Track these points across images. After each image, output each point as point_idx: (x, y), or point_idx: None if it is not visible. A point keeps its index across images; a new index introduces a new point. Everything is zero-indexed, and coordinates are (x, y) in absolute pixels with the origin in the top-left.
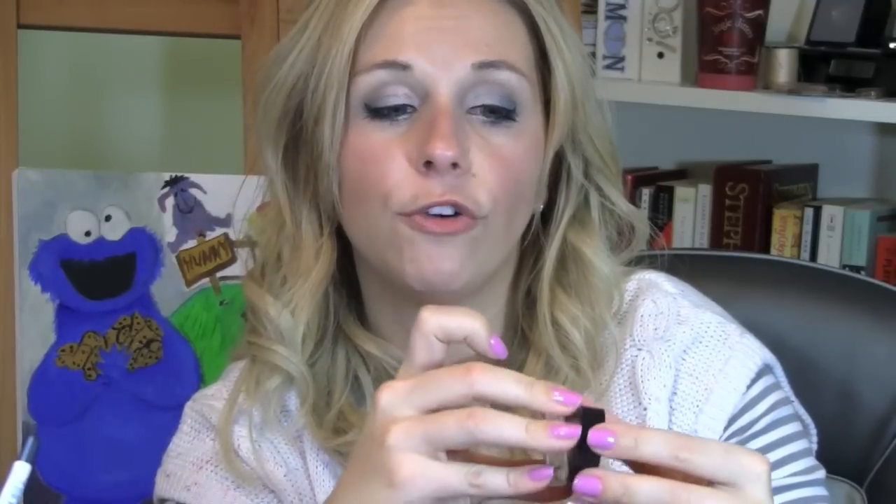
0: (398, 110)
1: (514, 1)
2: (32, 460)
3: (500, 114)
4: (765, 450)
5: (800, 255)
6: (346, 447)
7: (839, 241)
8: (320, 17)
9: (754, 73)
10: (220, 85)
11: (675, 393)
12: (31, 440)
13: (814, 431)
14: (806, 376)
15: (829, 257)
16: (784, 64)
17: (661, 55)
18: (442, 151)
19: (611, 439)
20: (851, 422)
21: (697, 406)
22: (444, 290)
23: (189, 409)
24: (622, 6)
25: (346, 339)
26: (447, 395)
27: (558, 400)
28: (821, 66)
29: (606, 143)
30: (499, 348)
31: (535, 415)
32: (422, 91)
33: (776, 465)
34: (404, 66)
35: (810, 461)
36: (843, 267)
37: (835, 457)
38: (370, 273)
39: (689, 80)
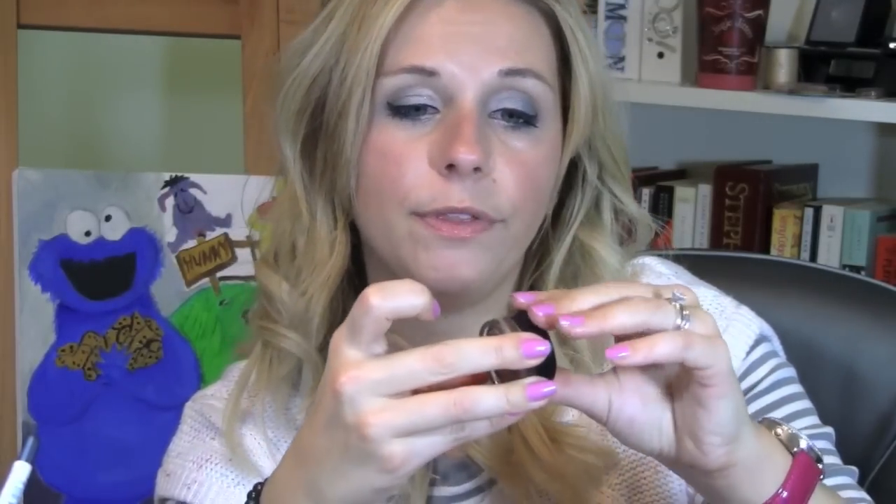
0: (420, 110)
1: (541, 7)
2: (32, 460)
3: (521, 119)
4: (770, 408)
5: (800, 255)
6: None
7: (839, 241)
8: (346, 9)
9: (754, 73)
10: (220, 85)
11: None
12: (31, 440)
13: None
14: (806, 377)
15: (829, 257)
16: (784, 64)
17: (661, 55)
18: (465, 155)
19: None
20: (853, 422)
21: None
22: (459, 292)
23: (189, 409)
24: (622, 6)
25: None
26: (419, 382)
27: (529, 354)
28: (821, 66)
29: (620, 150)
30: (438, 309)
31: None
32: (446, 95)
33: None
34: (431, 73)
35: (815, 419)
36: (843, 267)
37: None
38: (380, 268)
39: (689, 80)
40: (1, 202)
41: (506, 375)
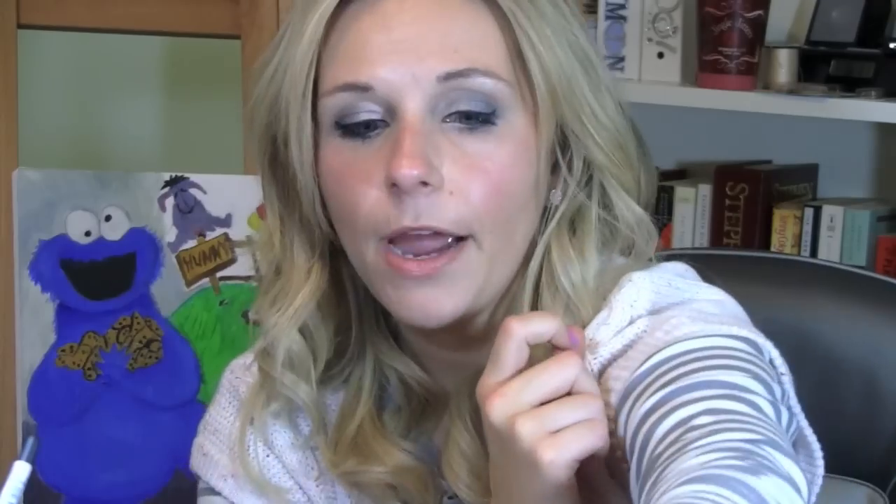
0: (368, 126)
1: None
2: (32, 460)
3: (478, 119)
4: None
5: (800, 255)
6: (353, 476)
7: (839, 241)
8: (291, 30)
9: (754, 73)
10: (220, 85)
11: None
12: (31, 440)
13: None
14: (828, 378)
15: (828, 257)
16: (784, 64)
17: (661, 55)
18: (407, 171)
19: None
20: (874, 425)
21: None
22: (439, 326)
23: (227, 381)
24: (622, 6)
25: (372, 347)
26: (554, 391)
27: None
28: (821, 66)
29: (611, 135)
30: (575, 338)
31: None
32: (389, 107)
33: None
34: (365, 88)
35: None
36: None
37: (857, 460)
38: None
39: (689, 80)
40: (1, 202)
41: None
